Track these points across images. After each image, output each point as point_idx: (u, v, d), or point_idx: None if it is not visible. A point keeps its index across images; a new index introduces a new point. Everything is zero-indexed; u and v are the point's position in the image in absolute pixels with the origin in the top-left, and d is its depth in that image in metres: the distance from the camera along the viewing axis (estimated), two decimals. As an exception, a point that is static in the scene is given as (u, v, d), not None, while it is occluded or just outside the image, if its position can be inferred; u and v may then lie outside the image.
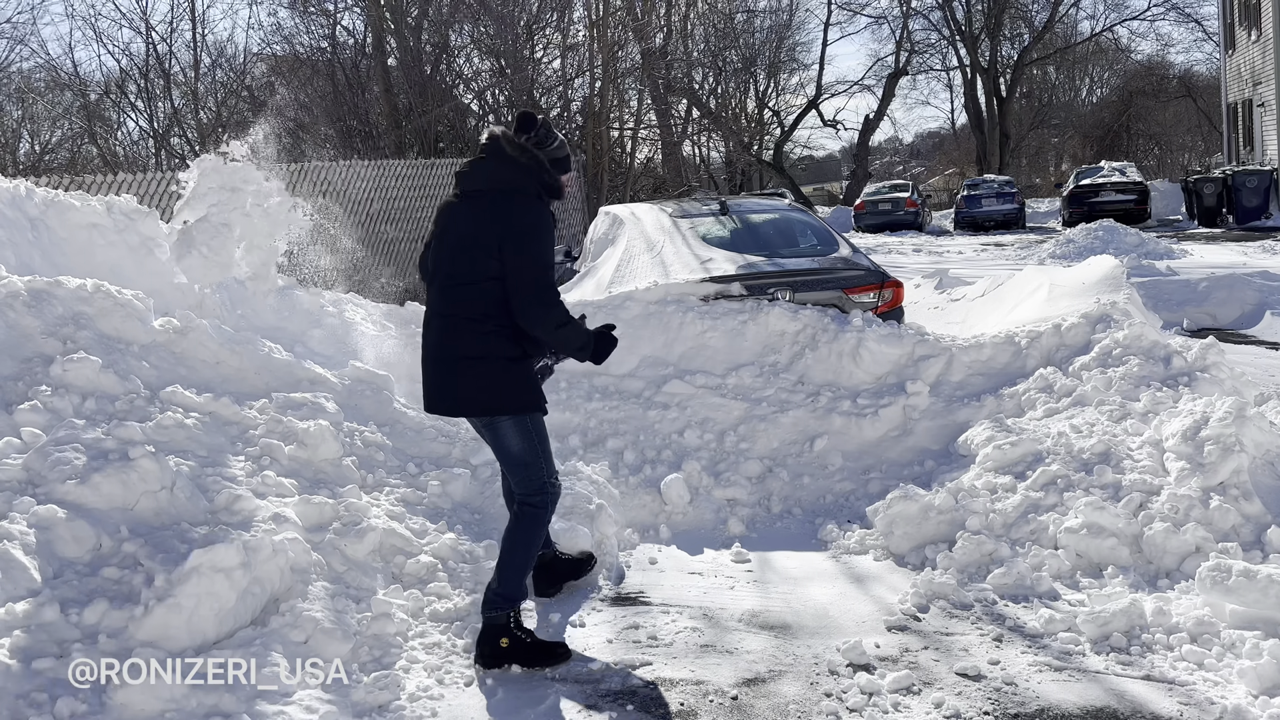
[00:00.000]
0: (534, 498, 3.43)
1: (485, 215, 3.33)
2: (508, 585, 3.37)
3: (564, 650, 3.40)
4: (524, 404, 3.38)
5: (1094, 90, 45.79)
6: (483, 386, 3.34)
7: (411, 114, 16.26)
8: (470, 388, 3.36)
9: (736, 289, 6.03)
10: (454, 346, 3.35)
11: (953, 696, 3.05)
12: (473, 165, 3.47)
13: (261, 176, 5.89)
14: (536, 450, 3.43)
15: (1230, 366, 5.04)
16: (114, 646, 2.91)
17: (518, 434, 3.40)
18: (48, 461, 3.46)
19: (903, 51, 37.32)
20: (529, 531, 3.44)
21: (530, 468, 3.43)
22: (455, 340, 3.34)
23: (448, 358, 3.36)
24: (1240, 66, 25.54)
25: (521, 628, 3.38)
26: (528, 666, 3.30)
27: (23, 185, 5.23)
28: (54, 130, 25.24)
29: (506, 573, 3.38)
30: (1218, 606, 3.35)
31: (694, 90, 28.16)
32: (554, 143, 3.46)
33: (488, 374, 3.32)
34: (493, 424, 3.42)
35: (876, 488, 4.84)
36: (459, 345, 3.34)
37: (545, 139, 3.43)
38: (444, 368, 3.39)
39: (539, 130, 3.41)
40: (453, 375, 3.37)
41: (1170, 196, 25.70)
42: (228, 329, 4.93)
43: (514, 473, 3.47)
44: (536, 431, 3.44)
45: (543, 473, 3.44)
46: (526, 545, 3.43)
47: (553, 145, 3.45)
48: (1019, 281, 7.39)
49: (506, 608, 3.35)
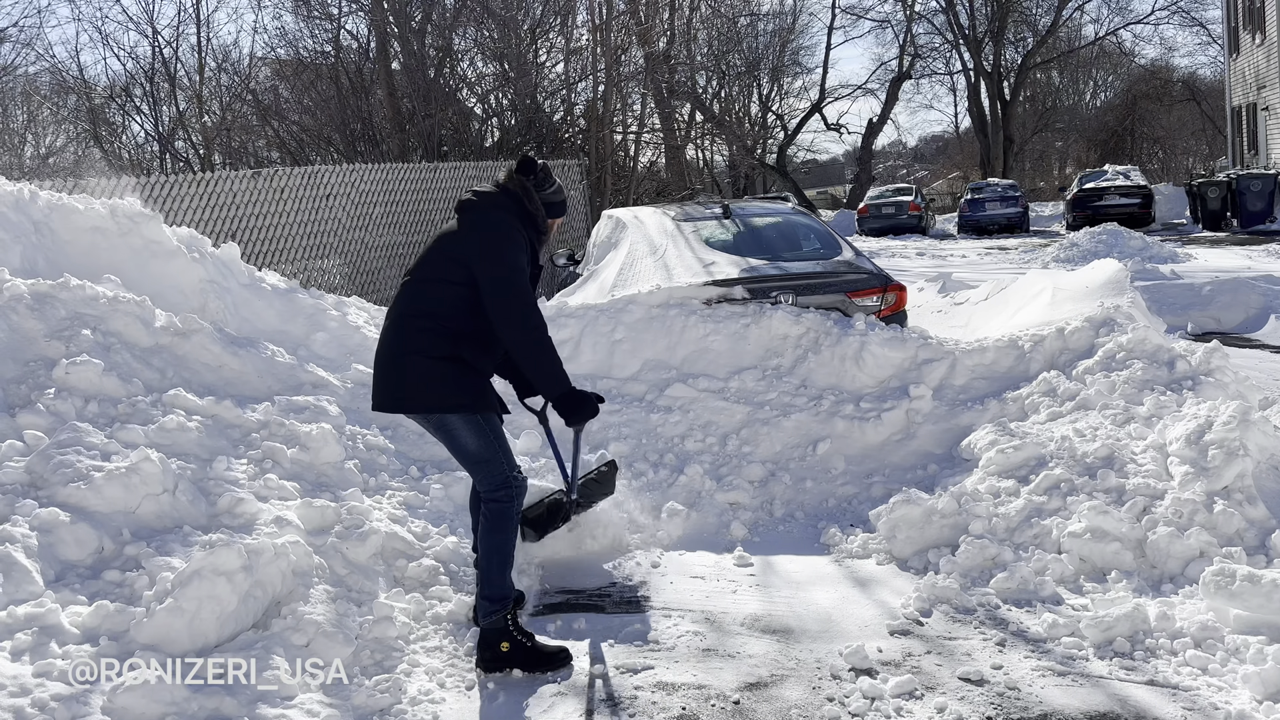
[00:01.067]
0: (498, 493, 3.41)
1: (463, 223, 3.42)
2: (493, 588, 3.36)
3: (565, 654, 3.38)
4: (467, 404, 3.35)
5: (1098, 94, 45.81)
6: (425, 384, 3.32)
7: (415, 118, 16.28)
8: (411, 386, 3.35)
9: (739, 292, 6.03)
10: (396, 345, 3.37)
11: (955, 701, 3.04)
12: (473, 194, 3.53)
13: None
14: (493, 446, 3.40)
15: (1234, 370, 5.03)
16: (115, 649, 2.90)
17: (470, 432, 3.37)
18: (50, 464, 3.47)
19: (906, 55, 37.31)
20: (500, 530, 3.41)
21: (490, 464, 3.40)
22: (399, 339, 3.37)
23: (392, 354, 3.38)
24: (1245, 70, 25.52)
25: (521, 630, 3.37)
26: (529, 671, 3.30)
27: (26, 189, 5.24)
28: (59, 134, 25.34)
29: (488, 576, 3.38)
30: (1222, 611, 3.34)
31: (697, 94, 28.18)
32: (551, 187, 3.54)
33: (428, 372, 3.31)
34: (442, 423, 3.40)
35: (879, 491, 4.83)
36: (402, 343, 3.36)
37: (544, 182, 3.52)
38: (380, 363, 3.41)
39: (538, 174, 3.50)
40: (384, 372, 3.39)
41: (1174, 200, 25.66)
42: (230, 332, 4.93)
43: (474, 471, 3.46)
44: (490, 428, 3.41)
45: (503, 467, 3.41)
46: (501, 545, 3.41)
47: (550, 190, 3.54)
48: (1022, 285, 7.37)
49: (500, 610, 3.34)
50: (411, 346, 3.32)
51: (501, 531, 3.41)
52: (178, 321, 4.66)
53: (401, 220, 12.58)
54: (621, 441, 5.23)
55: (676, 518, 4.68)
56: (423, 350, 3.31)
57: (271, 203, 10.71)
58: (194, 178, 10.25)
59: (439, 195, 13.10)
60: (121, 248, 5.19)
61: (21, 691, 2.62)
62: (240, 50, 42.07)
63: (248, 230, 10.41)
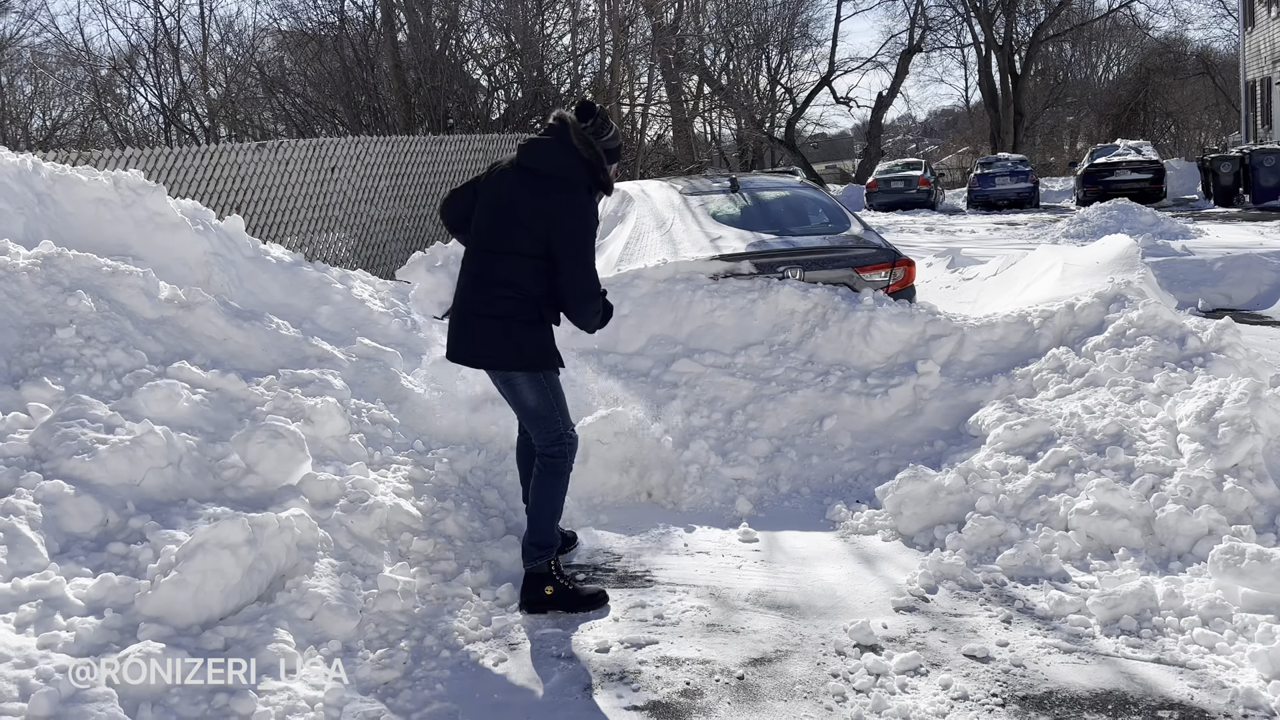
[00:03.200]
0: (552, 448, 3.65)
1: (537, 198, 3.53)
2: (541, 534, 3.61)
3: (603, 596, 3.62)
4: (537, 363, 3.59)
5: (1110, 67, 45.36)
6: (498, 344, 3.57)
7: (420, 90, 16.17)
8: (487, 344, 3.59)
9: (746, 267, 5.98)
10: (477, 306, 3.59)
11: (960, 678, 3.03)
12: (534, 144, 3.62)
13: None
14: (552, 404, 3.64)
15: (1246, 347, 4.98)
16: (120, 622, 2.91)
17: (532, 389, 3.61)
18: (54, 437, 3.46)
19: (917, 28, 36.95)
20: (553, 483, 3.66)
21: (547, 420, 3.64)
22: (478, 300, 3.58)
23: (470, 314, 3.61)
24: (1260, 44, 25.20)
25: (563, 575, 3.63)
26: (570, 611, 3.53)
27: (29, 159, 5.21)
28: (65, 106, 25.26)
29: (538, 523, 3.62)
30: (1230, 589, 3.32)
31: (705, 66, 27.96)
32: (609, 133, 3.62)
33: (505, 334, 3.54)
34: (509, 379, 3.63)
35: (886, 468, 4.81)
36: (481, 305, 3.57)
37: (601, 128, 3.59)
38: (466, 323, 3.64)
39: (597, 119, 3.57)
40: (472, 331, 3.62)
41: (1186, 175, 25.45)
42: (235, 305, 4.91)
43: (532, 426, 3.69)
44: (551, 387, 3.65)
45: (559, 425, 3.66)
46: (552, 497, 3.66)
47: (608, 135, 3.62)
48: (1032, 261, 7.32)
49: (544, 556, 3.59)
50: (499, 310, 3.54)
51: (553, 485, 3.66)
52: (182, 294, 4.64)
53: (407, 193, 12.52)
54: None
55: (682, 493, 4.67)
56: (510, 315, 3.54)
57: (276, 175, 10.66)
58: (198, 150, 10.20)
59: (445, 168, 13.03)
60: (125, 220, 5.16)
61: (26, 663, 2.62)
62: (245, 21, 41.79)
63: (252, 203, 10.37)
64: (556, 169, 3.53)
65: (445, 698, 3.00)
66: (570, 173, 3.53)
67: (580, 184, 3.54)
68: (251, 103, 20.74)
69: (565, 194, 3.51)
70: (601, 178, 3.59)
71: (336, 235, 11.39)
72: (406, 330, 5.58)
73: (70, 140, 21.21)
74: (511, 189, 3.59)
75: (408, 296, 5.41)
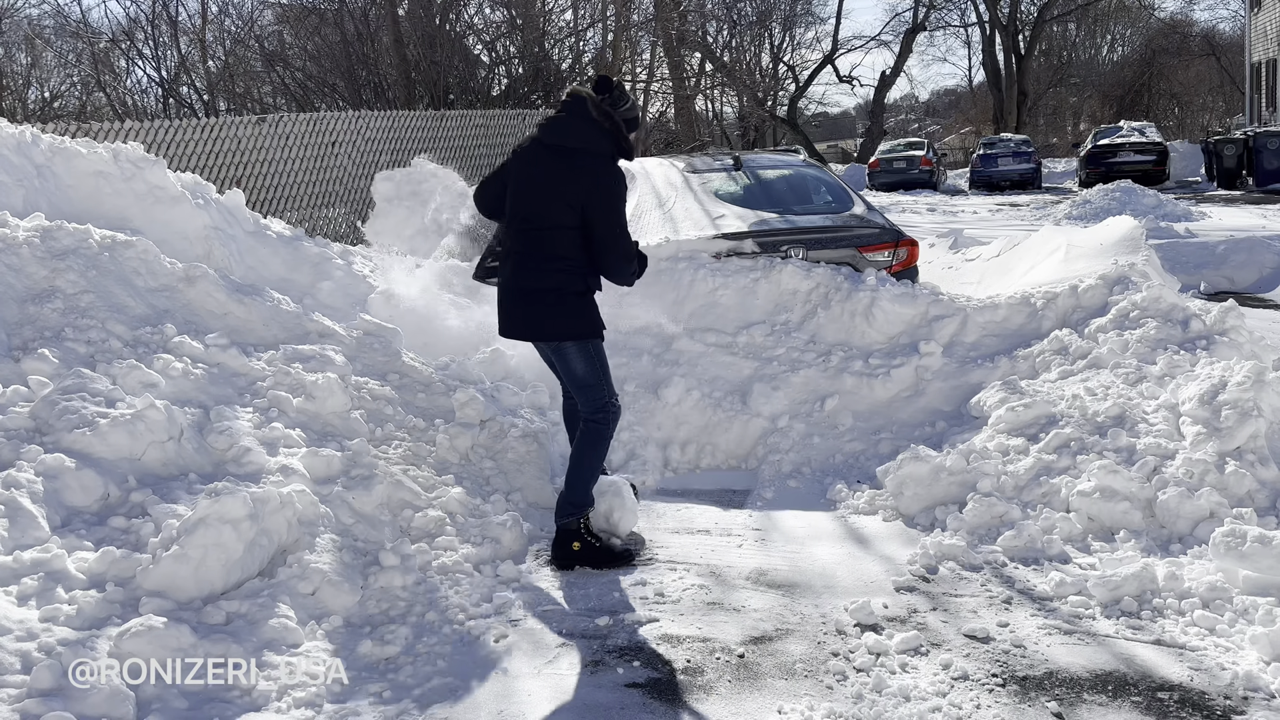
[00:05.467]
0: (597, 415, 3.83)
1: (569, 172, 3.69)
2: (576, 493, 3.80)
3: (629, 554, 3.81)
4: (587, 332, 3.77)
5: (1115, 48, 45.03)
6: (551, 317, 3.74)
7: (421, 65, 16.05)
8: (540, 317, 3.77)
9: (749, 246, 5.96)
10: (527, 281, 3.75)
11: (960, 658, 3.03)
12: (555, 121, 3.79)
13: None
14: (598, 373, 3.83)
15: (1249, 331, 4.97)
16: (122, 595, 2.91)
17: (582, 358, 3.79)
18: (55, 410, 3.45)
19: (921, 6, 36.66)
20: (594, 446, 3.84)
21: (593, 389, 3.82)
22: (528, 276, 3.74)
23: (521, 291, 3.77)
24: (1266, 25, 25.03)
25: (592, 532, 3.80)
26: (597, 567, 3.73)
27: (29, 131, 5.17)
28: (63, 78, 25.09)
29: (575, 482, 3.80)
30: (1230, 572, 3.32)
31: (707, 44, 27.76)
32: (626, 104, 3.79)
33: (556, 306, 3.72)
34: (560, 349, 3.81)
35: (887, 448, 4.80)
36: (531, 280, 3.73)
37: (619, 100, 3.76)
38: (518, 299, 3.79)
39: (614, 92, 3.75)
40: (525, 306, 3.78)
41: (1190, 157, 25.34)
42: (235, 279, 4.89)
43: (580, 393, 3.86)
44: (598, 356, 3.83)
45: (604, 393, 3.84)
46: (592, 460, 3.84)
47: (625, 106, 3.78)
48: (1035, 242, 7.29)
49: (577, 514, 3.78)
50: (549, 283, 3.71)
51: (595, 449, 3.85)
52: (182, 267, 4.62)
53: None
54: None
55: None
56: (559, 287, 3.70)
57: (276, 149, 10.60)
58: (198, 123, 10.14)
59: (445, 143, 12.96)
60: (125, 193, 5.13)
61: (28, 636, 2.63)
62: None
63: (252, 177, 10.31)
64: (582, 142, 3.70)
65: (446, 674, 3.00)
66: (595, 144, 3.69)
67: (605, 154, 3.71)
68: (251, 76, 20.58)
69: (594, 164, 3.69)
70: (624, 144, 3.75)
71: (337, 210, 11.34)
72: (408, 306, 5.55)
73: (68, 112, 21.08)
74: (543, 166, 3.75)
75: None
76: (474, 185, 4.17)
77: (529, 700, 2.88)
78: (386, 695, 2.87)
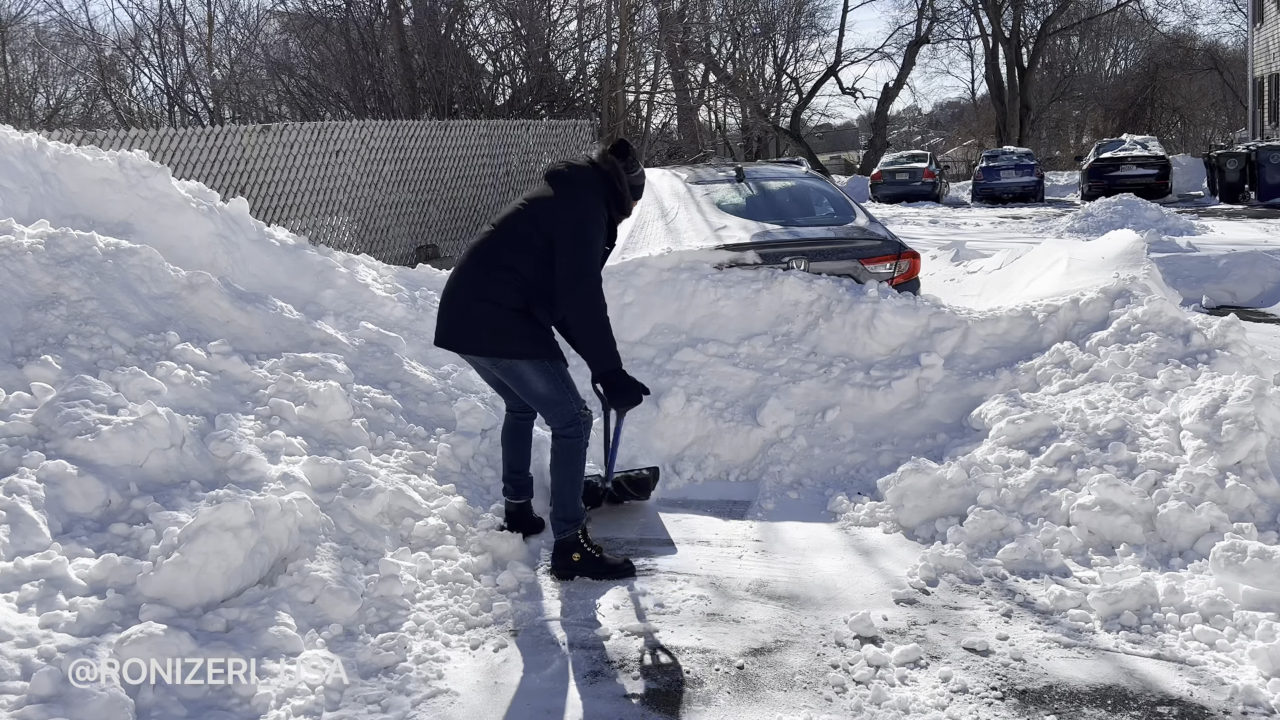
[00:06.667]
0: (568, 429, 3.75)
1: (551, 194, 3.70)
2: (566, 510, 3.76)
3: (629, 566, 3.76)
4: (529, 352, 3.63)
5: (1118, 62, 45.17)
6: (493, 331, 3.62)
7: (426, 74, 16.11)
8: (481, 330, 3.64)
9: (751, 257, 5.97)
10: (474, 287, 3.64)
11: (960, 671, 3.03)
12: (566, 160, 3.87)
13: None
14: (561, 388, 3.71)
15: (1250, 345, 4.97)
16: (122, 602, 2.91)
17: (539, 376, 3.67)
18: (57, 417, 3.46)
19: (924, 19, 36.82)
20: (570, 461, 3.77)
21: (559, 405, 3.72)
22: (476, 281, 3.64)
23: (465, 298, 3.66)
24: (1269, 40, 25.09)
25: (591, 543, 3.77)
26: (597, 578, 3.69)
27: (34, 139, 5.20)
28: (69, 85, 25.19)
29: (563, 500, 3.76)
30: (1231, 587, 3.31)
31: (711, 55, 27.85)
32: (637, 171, 3.85)
33: (498, 320, 3.60)
34: (511, 369, 3.68)
35: (888, 460, 4.80)
36: (479, 287, 3.63)
37: (632, 166, 3.83)
38: (458, 306, 3.68)
39: (629, 158, 3.82)
40: (465, 314, 3.66)
41: (1192, 171, 25.36)
42: (238, 287, 4.91)
43: (546, 411, 3.76)
44: (557, 371, 3.70)
45: (571, 407, 3.73)
46: (573, 474, 3.78)
47: (635, 173, 3.84)
48: (1037, 255, 7.29)
49: (572, 528, 3.74)
50: (487, 294, 3.60)
51: (573, 463, 3.77)
52: (185, 275, 4.63)
53: (411, 178, 12.49)
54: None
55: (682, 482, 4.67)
56: (497, 299, 3.59)
57: (281, 158, 10.64)
58: (202, 131, 10.19)
59: (449, 153, 13.00)
60: (130, 200, 5.16)
61: (28, 642, 2.63)
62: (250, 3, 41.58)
63: (257, 185, 10.36)
64: (580, 177, 3.75)
65: (445, 683, 3.00)
66: (592, 185, 3.72)
67: (595, 196, 3.70)
68: (256, 85, 20.67)
69: (574, 189, 3.70)
70: (622, 202, 3.78)
71: (340, 219, 11.37)
72: (409, 315, 5.57)
73: (74, 120, 21.16)
74: (534, 189, 3.81)
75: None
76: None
77: (528, 711, 2.88)
78: (386, 704, 2.87)
